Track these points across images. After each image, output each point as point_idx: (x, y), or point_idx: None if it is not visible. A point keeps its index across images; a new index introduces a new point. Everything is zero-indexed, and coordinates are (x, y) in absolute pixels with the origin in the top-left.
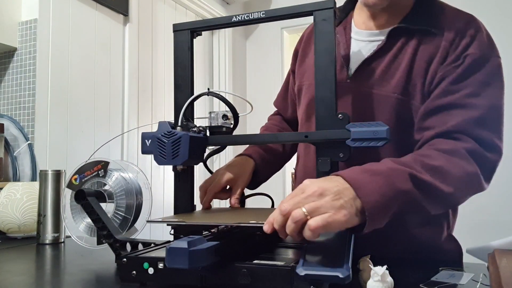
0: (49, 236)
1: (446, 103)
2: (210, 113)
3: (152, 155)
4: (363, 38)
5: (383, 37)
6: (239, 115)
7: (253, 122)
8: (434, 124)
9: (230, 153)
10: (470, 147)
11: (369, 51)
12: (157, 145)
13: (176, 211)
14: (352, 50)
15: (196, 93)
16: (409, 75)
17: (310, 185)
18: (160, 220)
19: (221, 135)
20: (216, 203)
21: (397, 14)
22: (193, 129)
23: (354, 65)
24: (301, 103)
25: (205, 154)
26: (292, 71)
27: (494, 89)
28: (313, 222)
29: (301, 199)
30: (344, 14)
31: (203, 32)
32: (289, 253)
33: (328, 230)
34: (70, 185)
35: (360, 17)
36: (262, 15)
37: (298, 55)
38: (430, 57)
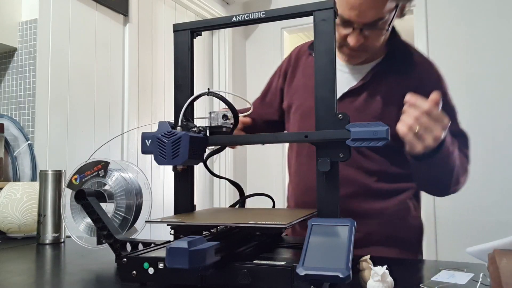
0: (49, 236)
1: None
2: (210, 113)
3: (152, 155)
4: (347, 70)
5: (365, 73)
6: (239, 115)
7: None
8: None
9: (230, 153)
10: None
11: (352, 83)
12: (157, 145)
13: (176, 211)
14: (338, 79)
15: (196, 93)
16: (385, 103)
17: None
18: (159, 220)
19: (221, 135)
20: (216, 203)
21: (375, 59)
22: (193, 129)
23: (339, 92)
24: (290, 119)
25: (205, 154)
26: (281, 88)
27: None
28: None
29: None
30: None
31: (203, 32)
32: (289, 253)
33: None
34: (70, 185)
35: (341, 55)
36: (262, 15)
37: (287, 76)
38: (404, 91)
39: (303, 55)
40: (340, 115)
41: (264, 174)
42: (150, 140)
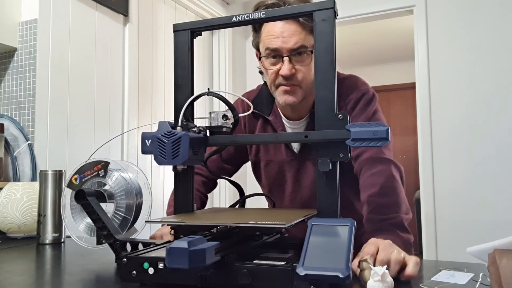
0: (49, 236)
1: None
2: (210, 113)
3: (152, 155)
4: (294, 126)
5: (307, 121)
6: (239, 115)
7: None
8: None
9: None
10: None
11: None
12: (157, 145)
13: (176, 211)
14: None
15: (196, 93)
16: None
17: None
18: (159, 220)
19: (221, 135)
20: (216, 203)
21: (311, 102)
22: (193, 129)
23: (296, 145)
24: (262, 175)
25: (205, 154)
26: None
27: None
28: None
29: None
30: (270, 107)
31: (203, 32)
32: (289, 253)
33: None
34: (70, 185)
35: (285, 110)
36: (262, 15)
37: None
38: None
39: (252, 119)
40: (340, 115)
41: None
42: (150, 140)
